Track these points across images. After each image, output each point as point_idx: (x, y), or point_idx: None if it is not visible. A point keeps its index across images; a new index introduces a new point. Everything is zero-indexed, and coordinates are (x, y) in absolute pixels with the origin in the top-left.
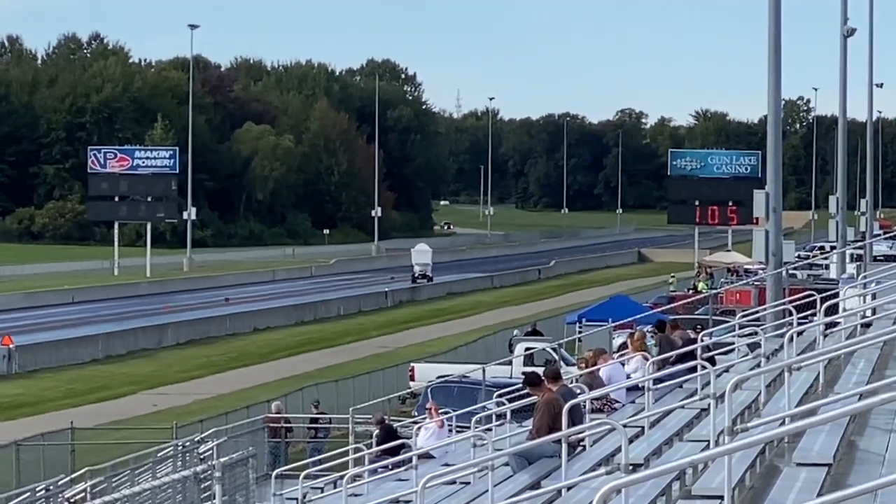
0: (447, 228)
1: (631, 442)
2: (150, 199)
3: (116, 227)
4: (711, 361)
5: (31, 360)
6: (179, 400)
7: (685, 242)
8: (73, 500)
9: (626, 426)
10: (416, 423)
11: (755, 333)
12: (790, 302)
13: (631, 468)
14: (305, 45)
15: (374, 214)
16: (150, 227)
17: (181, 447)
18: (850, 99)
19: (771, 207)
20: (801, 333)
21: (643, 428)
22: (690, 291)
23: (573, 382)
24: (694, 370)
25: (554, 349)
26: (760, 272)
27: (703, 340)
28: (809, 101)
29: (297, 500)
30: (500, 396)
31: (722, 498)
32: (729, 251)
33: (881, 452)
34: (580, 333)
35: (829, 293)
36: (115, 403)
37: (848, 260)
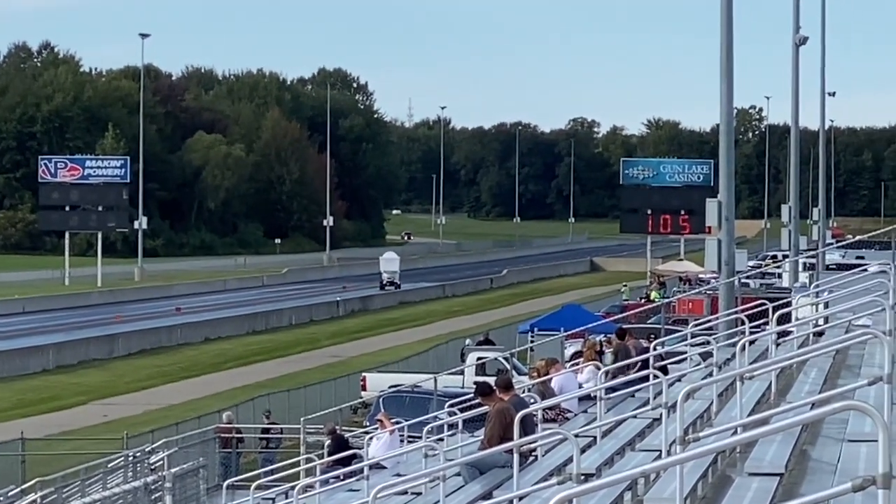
0: (407, 239)
1: (583, 452)
2: (101, 208)
3: (67, 236)
4: (664, 371)
5: None
6: (130, 410)
7: (638, 251)
8: None
9: (578, 436)
10: (367, 433)
11: (707, 342)
12: (742, 311)
13: (583, 478)
14: (257, 54)
15: (325, 224)
16: (101, 236)
17: (132, 458)
18: (802, 108)
19: (723, 216)
20: (753, 342)
21: (595, 437)
22: (643, 300)
23: (525, 392)
24: (646, 379)
25: (506, 358)
26: (713, 281)
27: (655, 350)
28: (762, 109)
29: None
30: (451, 406)
31: None
32: (681, 260)
33: (833, 462)
34: (532, 343)
35: (781, 302)
36: (65, 414)
37: (800, 269)
